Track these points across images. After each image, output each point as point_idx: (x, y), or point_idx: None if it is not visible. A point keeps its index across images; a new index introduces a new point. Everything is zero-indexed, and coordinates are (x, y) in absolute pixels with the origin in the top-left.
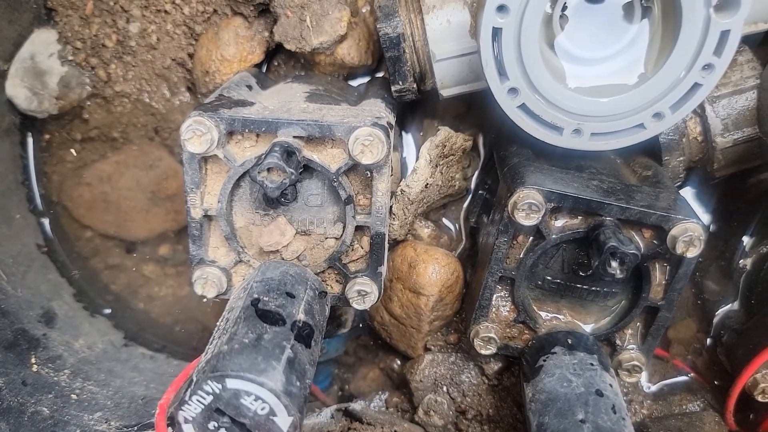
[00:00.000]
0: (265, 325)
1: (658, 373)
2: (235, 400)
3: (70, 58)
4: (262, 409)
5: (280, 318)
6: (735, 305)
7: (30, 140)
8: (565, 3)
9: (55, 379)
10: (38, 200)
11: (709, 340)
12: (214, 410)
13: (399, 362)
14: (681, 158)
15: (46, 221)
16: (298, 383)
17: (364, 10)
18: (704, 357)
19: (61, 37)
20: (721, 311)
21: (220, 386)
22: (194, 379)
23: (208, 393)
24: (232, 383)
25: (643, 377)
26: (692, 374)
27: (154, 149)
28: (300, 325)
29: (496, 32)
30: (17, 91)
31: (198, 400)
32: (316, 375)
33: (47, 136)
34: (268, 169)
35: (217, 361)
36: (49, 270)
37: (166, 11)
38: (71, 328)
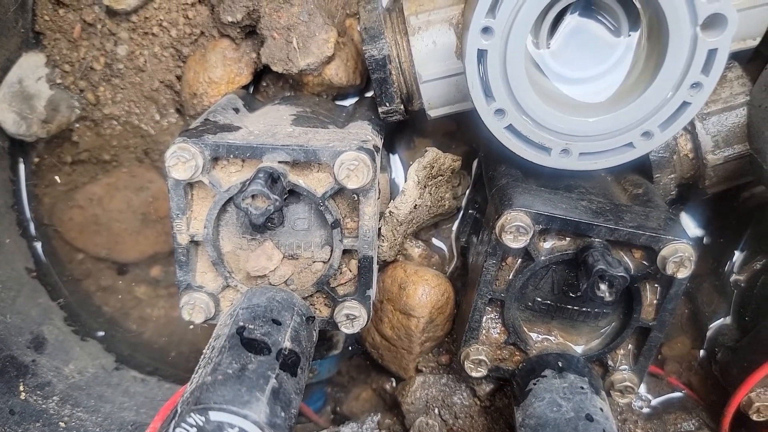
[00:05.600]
0: (249, 354)
1: (653, 390)
2: None
3: (59, 81)
4: None
5: (265, 346)
6: (728, 319)
7: (20, 164)
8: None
9: (44, 406)
10: (29, 224)
11: (702, 352)
12: None
13: (392, 383)
14: (672, 175)
15: (37, 245)
16: (282, 414)
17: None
18: (699, 373)
19: (49, 60)
20: (715, 324)
21: (203, 419)
22: (178, 410)
23: (191, 425)
24: (215, 416)
25: (642, 390)
26: (686, 391)
27: (144, 171)
28: (286, 353)
29: (482, 54)
30: (5, 115)
31: None
32: (309, 396)
33: (37, 160)
34: (253, 196)
35: (201, 392)
36: (40, 294)
37: (153, 34)
38: (61, 352)
